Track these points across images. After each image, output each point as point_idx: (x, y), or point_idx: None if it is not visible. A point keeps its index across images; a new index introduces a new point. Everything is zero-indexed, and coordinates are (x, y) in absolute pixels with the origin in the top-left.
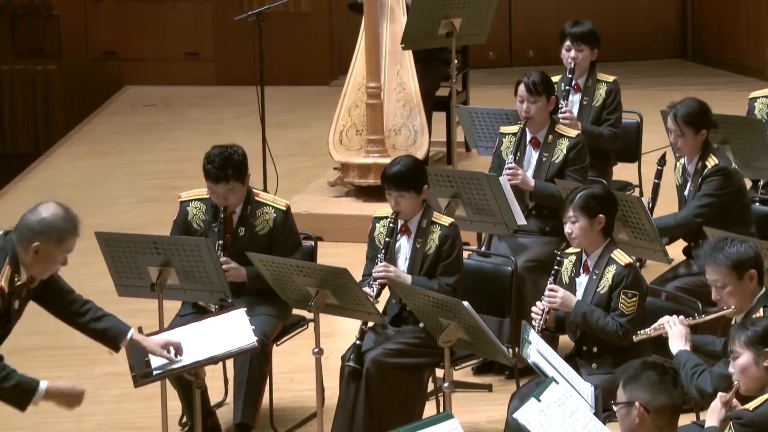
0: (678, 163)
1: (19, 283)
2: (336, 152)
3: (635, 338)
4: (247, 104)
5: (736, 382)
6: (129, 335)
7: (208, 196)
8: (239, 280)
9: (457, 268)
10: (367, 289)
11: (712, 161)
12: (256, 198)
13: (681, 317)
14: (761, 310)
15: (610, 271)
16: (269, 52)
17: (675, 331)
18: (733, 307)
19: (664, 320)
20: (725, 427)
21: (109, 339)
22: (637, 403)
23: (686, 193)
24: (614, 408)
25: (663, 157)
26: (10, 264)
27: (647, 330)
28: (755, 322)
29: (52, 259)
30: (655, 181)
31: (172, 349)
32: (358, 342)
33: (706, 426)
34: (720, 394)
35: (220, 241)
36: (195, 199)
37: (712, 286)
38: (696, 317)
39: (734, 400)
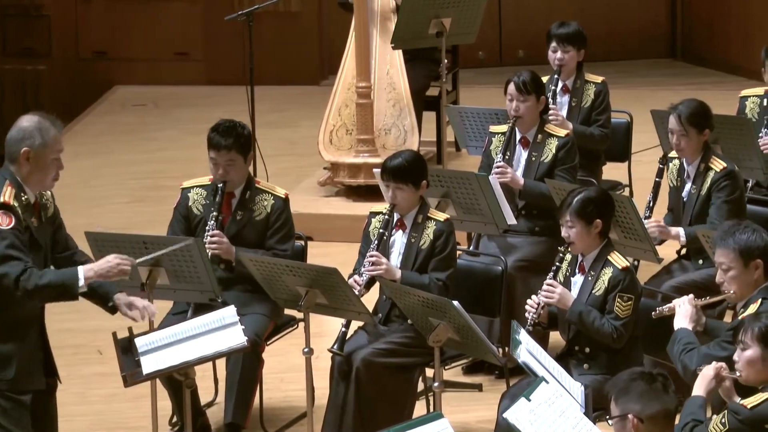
0: (671, 165)
1: (27, 201)
2: (326, 152)
3: (654, 315)
4: (236, 104)
5: (738, 373)
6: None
7: (209, 183)
8: (228, 257)
9: (450, 263)
10: (356, 277)
11: (718, 164)
12: (257, 185)
13: (691, 296)
14: (759, 301)
15: (607, 274)
16: (259, 51)
17: (682, 310)
18: (732, 291)
19: (678, 300)
20: (710, 396)
21: (100, 294)
22: (630, 416)
23: (684, 194)
24: (609, 423)
25: (665, 155)
26: (11, 185)
27: (663, 308)
28: None
29: (44, 162)
30: (656, 179)
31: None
32: (344, 329)
33: (693, 394)
34: (716, 364)
35: (214, 213)
36: (196, 186)
37: (719, 268)
38: (703, 299)
39: (727, 379)
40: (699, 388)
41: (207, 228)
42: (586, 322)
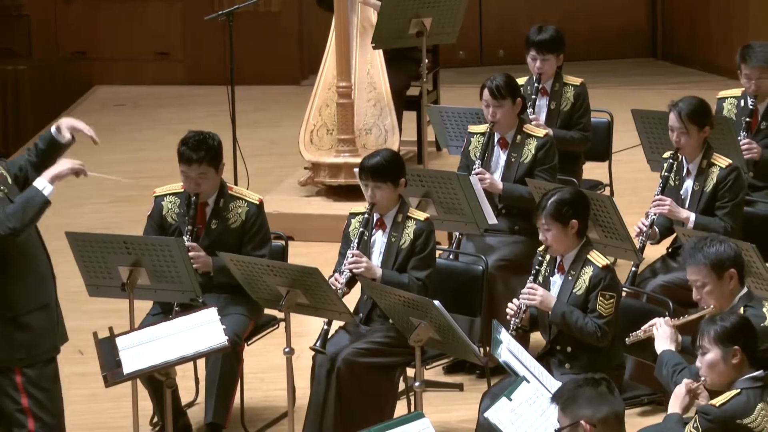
0: (666, 163)
1: None
2: (307, 152)
3: (628, 341)
4: (217, 104)
5: (702, 378)
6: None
7: (182, 191)
8: (206, 269)
9: (429, 263)
10: (337, 275)
11: (722, 160)
12: (230, 192)
13: (666, 318)
14: (742, 309)
15: (587, 273)
16: (239, 51)
17: (661, 332)
18: (713, 306)
19: (654, 322)
20: (686, 413)
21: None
22: (582, 422)
23: (683, 192)
24: None
25: (677, 151)
26: None
27: (638, 333)
28: (724, 317)
29: None
30: (665, 174)
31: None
32: (326, 327)
33: (668, 412)
34: (686, 381)
35: (189, 227)
36: (169, 194)
37: (693, 285)
38: (680, 318)
39: (701, 389)
40: (674, 406)
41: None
42: (569, 322)
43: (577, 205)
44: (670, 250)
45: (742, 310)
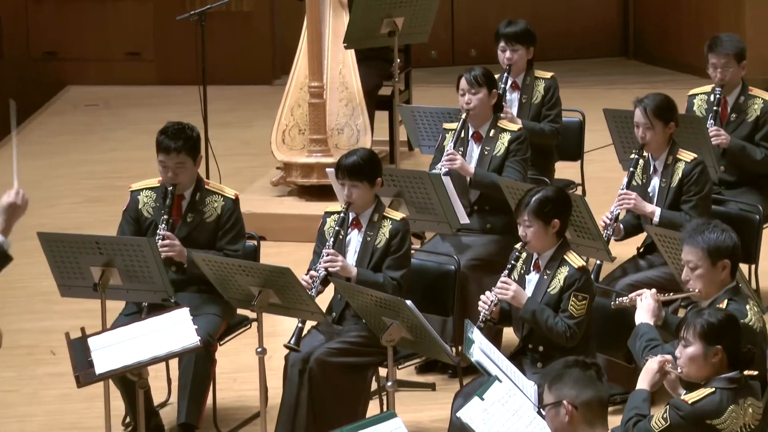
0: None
1: None
2: (279, 152)
3: (613, 305)
4: (189, 104)
5: (679, 369)
6: None
7: (158, 185)
8: (180, 259)
9: (404, 263)
10: (313, 272)
11: (687, 155)
12: (206, 186)
13: (653, 291)
14: (725, 302)
15: (563, 273)
16: (211, 51)
17: (644, 304)
18: (698, 290)
19: (641, 292)
20: (654, 389)
21: None
22: (565, 402)
23: (651, 189)
24: (542, 412)
25: (642, 147)
26: None
27: (624, 299)
28: (711, 313)
29: None
30: (632, 169)
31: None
32: (300, 325)
33: (637, 388)
34: (659, 357)
35: (165, 216)
36: (145, 188)
37: (685, 265)
38: (666, 294)
39: (671, 371)
40: (643, 382)
41: (158, 231)
42: (539, 320)
43: (561, 205)
44: (640, 250)
45: (725, 302)
